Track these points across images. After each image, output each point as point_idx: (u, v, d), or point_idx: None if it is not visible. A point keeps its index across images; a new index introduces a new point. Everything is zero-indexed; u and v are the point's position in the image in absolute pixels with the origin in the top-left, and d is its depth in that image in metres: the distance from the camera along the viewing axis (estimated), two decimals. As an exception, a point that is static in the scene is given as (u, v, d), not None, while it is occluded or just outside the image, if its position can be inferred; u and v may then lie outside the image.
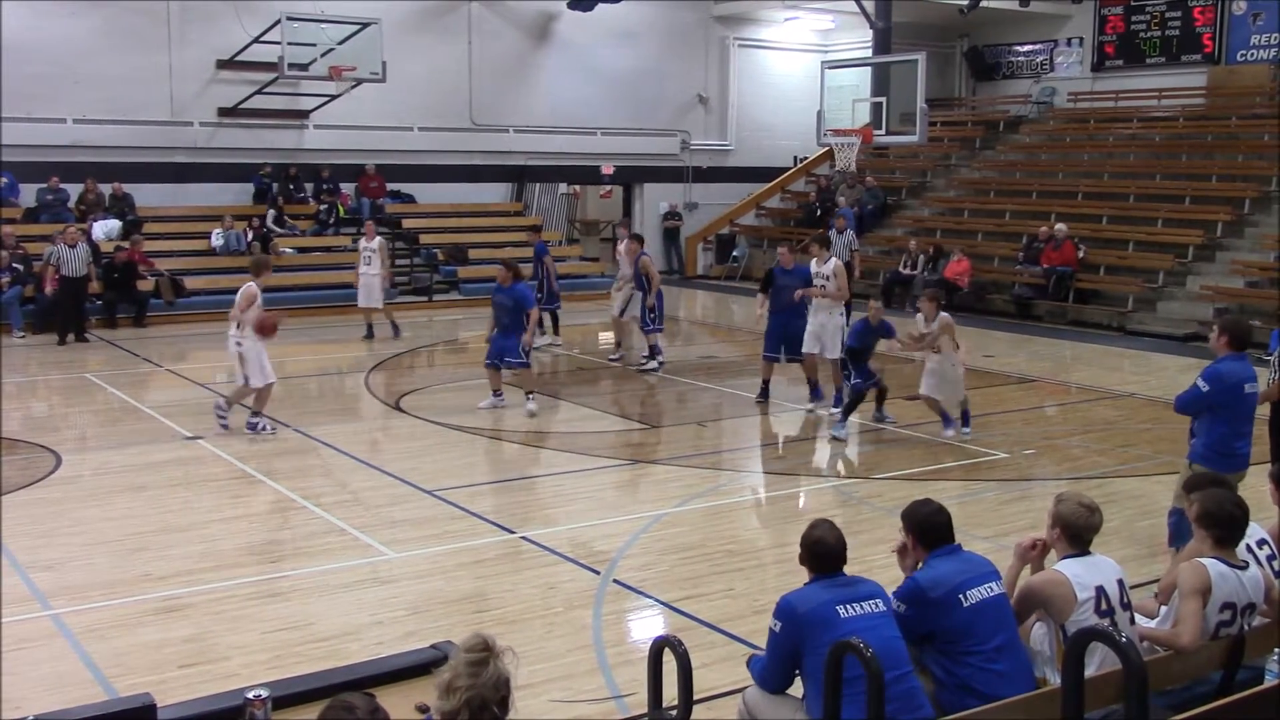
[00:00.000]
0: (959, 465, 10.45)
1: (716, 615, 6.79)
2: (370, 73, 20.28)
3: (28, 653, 6.24)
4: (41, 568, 7.52)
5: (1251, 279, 18.54)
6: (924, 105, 20.67)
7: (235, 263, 20.45)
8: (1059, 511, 4.73)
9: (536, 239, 16.87)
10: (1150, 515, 8.64)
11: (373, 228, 17.72)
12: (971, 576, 4.49)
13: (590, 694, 5.82)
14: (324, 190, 22.53)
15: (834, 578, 4.42)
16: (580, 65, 25.42)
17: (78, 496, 9.27)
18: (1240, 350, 7.08)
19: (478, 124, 24.50)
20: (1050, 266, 20.04)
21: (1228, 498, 4.85)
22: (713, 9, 27.39)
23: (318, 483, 9.94)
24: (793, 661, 4.34)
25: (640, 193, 27.56)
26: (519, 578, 7.48)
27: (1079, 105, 26.03)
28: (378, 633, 6.52)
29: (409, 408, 12.63)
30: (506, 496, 9.38)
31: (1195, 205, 20.67)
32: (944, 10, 24.90)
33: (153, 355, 16.05)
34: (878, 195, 25.47)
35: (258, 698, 3.65)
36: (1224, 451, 6.97)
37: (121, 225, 19.89)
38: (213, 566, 7.60)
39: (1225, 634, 4.59)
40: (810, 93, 23.62)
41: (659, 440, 11.52)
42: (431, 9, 23.63)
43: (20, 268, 17.80)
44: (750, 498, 9.88)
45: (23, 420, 12.07)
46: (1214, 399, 7.00)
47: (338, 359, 15.64)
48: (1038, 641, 4.66)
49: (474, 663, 3.13)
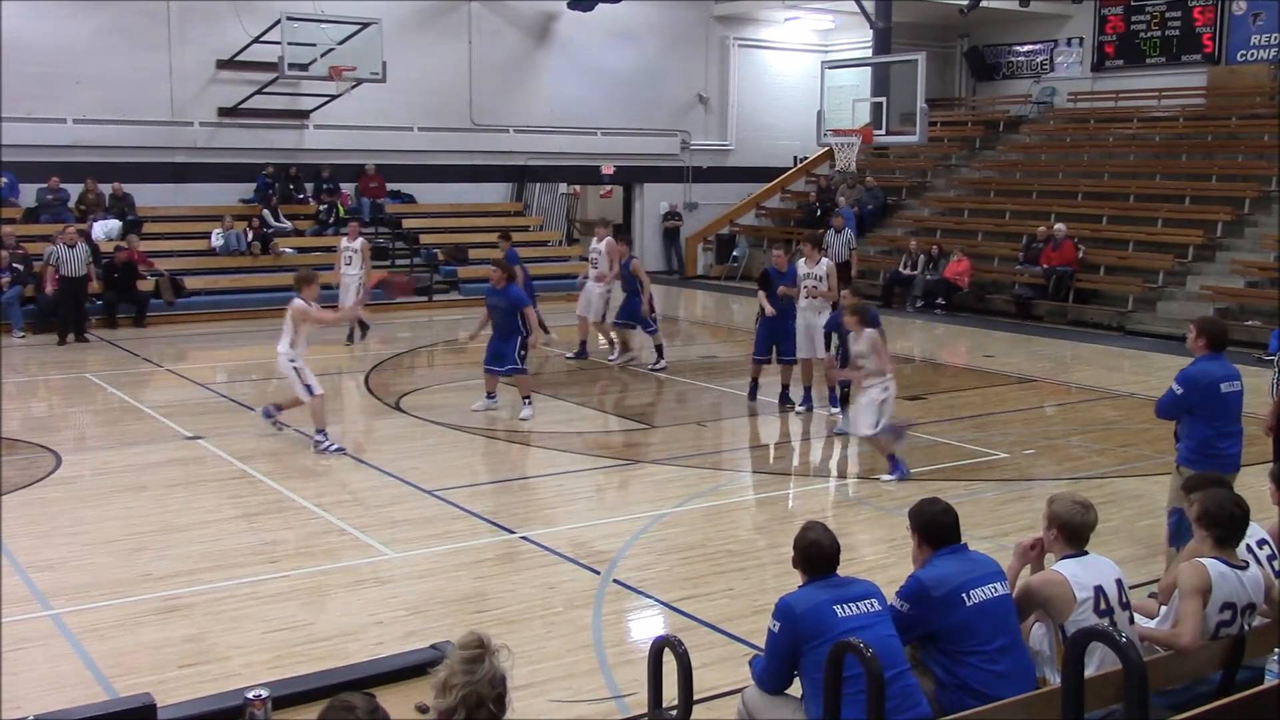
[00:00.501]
0: (959, 465, 10.45)
1: (716, 615, 6.79)
2: (370, 73, 20.28)
3: (28, 653, 6.25)
4: (41, 568, 7.52)
5: (1251, 279, 18.54)
6: (924, 105, 20.68)
7: (235, 263, 20.53)
8: (1054, 511, 4.73)
9: (507, 246, 15.97)
10: (1150, 515, 8.64)
11: (356, 228, 17.30)
12: (975, 576, 4.49)
13: (590, 694, 5.82)
14: (324, 190, 22.54)
15: (829, 579, 4.43)
16: (580, 65, 25.42)
17: (78, 496, 9.27)
18: (1218, 351, 7.04)
19: (478, 124, 24.50)
20: (1050, 266, 20.04)
21: (1228, 497, 4.85)
22: (713, 9, 27.39)
23: (318, 483, 9.94)
24: (791, 662, 4.35)
25: (640, 193, 27.56)
26: (519, 578, 7.48)
27: (1079, 105, 26.03)
28: (378, 633, 6.52)
29: (409, 408, 12.63)
30: (506, 496, 9.38)
31: (1195, 205, 20.67)
32: (944, 10, 24.89)
33: (153, 355, 16.05)
34: (878, 195, 25.47)
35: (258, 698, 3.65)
36: (1209, 454, 6.92)
37: (121, 225, 19.90)
38: (213, 566, 7.60)
39: (1225, 634, 4.59)
40: (810, 93, 23.63)
41: (659, 440, 11.52)
42: (431, 9, 23.64)
43: (20, 268, 17.80)
44: (750, 498, 9.87)
45: (23, 420, 12.07)
46: (1190, 401, 6.98)
47: (338, 359, 15.64)
48: (1037, 641, 4.67)
49: (469, 660, 3.14)
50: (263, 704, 3.64)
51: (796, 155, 27.96)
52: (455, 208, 24.22)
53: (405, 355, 16.64)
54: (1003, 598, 4.51)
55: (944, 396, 13.65)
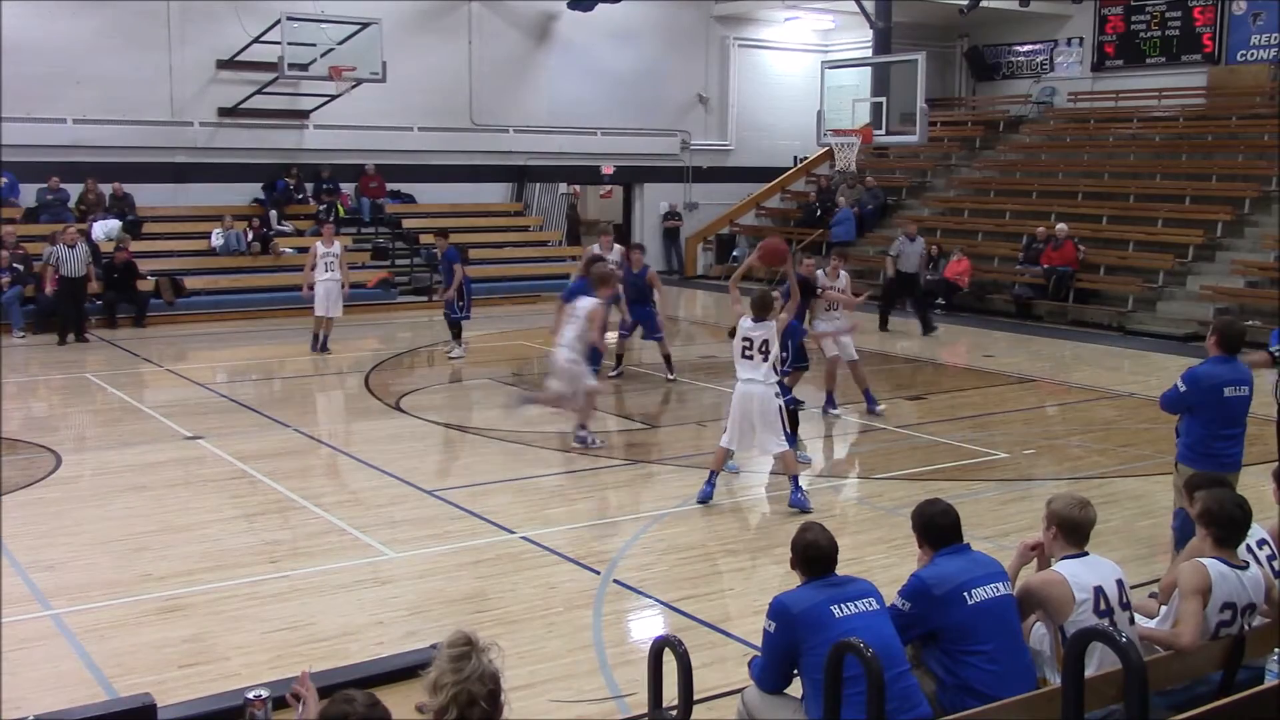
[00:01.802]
0: (959, 465, 10.45)
1: (716, 615, 6.80)
2: (370, 73, 20.28)
3: (28, 653, 6.24)
4: (41, 568, 7.52)
5: (1251, 279, 18.55)
6: (924, 105, 20.69)
7: (235, 263, 20.53)
8: (1053, 510, 4.75)
9: (446, 244, 15.61)
10: (1150, 515, 8.64)
11: (331, 230, 16.79)
12: (977, 576, 4.49)
13: (590, 694, 5.82)
14: (324, 190, 22.54)
15: (826, 578, 4.43)
16: (580, 65, 25.42)
17: (78, 496, 9.27)
18: (1230, 353, 7.01)
19: (478, 124, 24.50)
20: (1050, 266, 20.04)
21: (1230, 497, 4.85)
22: (713, 9, 27.39)
23: (318, 483, 9.95)
24: (789, 662, 4.35)
25: (640, 193, 27.56)
26: (519, 578, 7.48)
27: (1079, 105, 26.04)
28: (378, 633, 6.52)
29: (409, 408, 12.63)
30: (506, 496, 9.38)
31: (1195, 205, 20.68)
32: (944, 10, 24.90)
33: (153, 355, 16.05)
34: (878, 195, 25.48)
35: (258, 698, 3.66)
36: (1205, 452, 6.93)
37: (121, 225, 19.90)
38: (213, 566, 7.60)
39: (1225, 634, 4.59)
40: (810, 93, 23.63)
41: (659, 440, 11.51)
42: (431, 9, 23.63)
43: (20, 268, 17.80)
44: (750, 498, 9.87)
45: (23, 420, 12.07)
46: (1191, 400, 6.99)
47: (338, 359, 15.64)
48: (1037, 641, 4.67)
49: (456, 658, 3.15)
50: (263, 704, 3.64)
51: (796, 155, 27.97)
52: (455, 208, 24.21)
53: (405, 355, 16.63)
54: (1004, 598, 4.50)
55: (944, 396, 13.66)
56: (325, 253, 15.86)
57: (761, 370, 8.79)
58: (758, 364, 8.80)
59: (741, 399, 8.86)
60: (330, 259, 15.84)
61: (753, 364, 8.82)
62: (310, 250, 16.32)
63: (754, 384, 8.80)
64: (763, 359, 8.78)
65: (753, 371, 8.82)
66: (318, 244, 16.15)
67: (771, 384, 8.85)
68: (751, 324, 8.85)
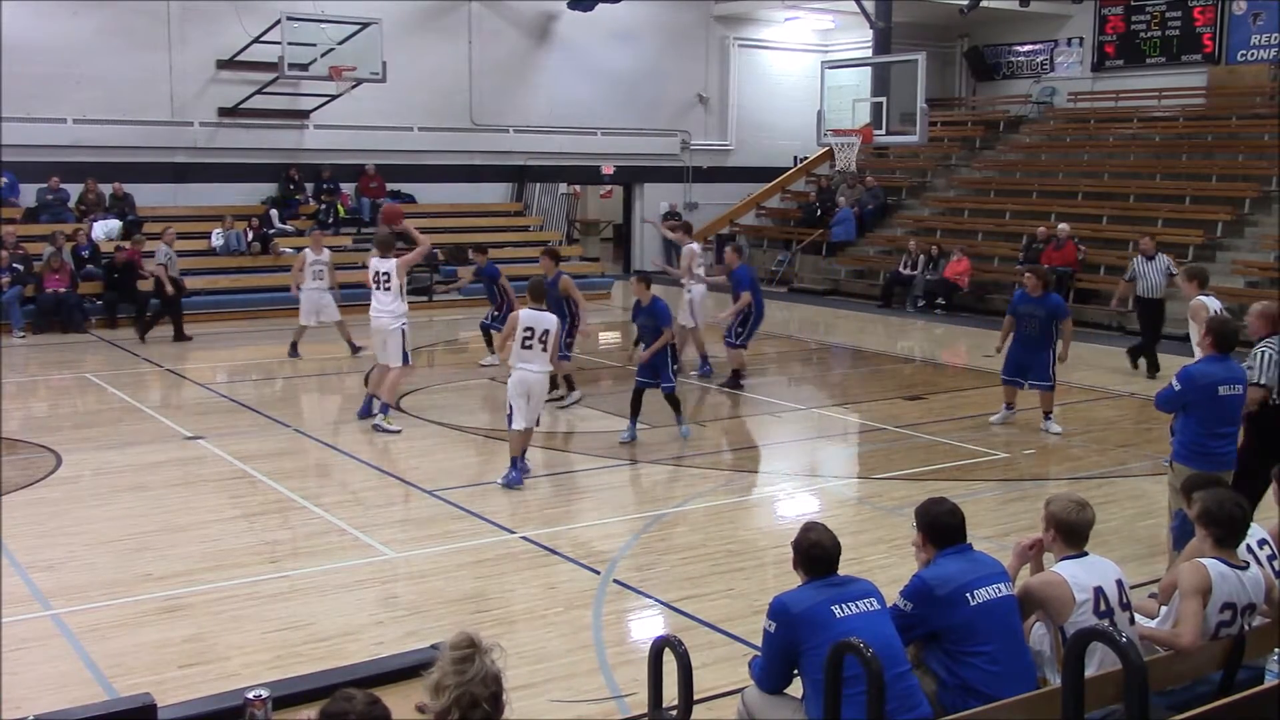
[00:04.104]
0: (959, 465, 10.45)
1: (716, 615, 6.79)
2: (370, 73, 20.27)
3: (28, 653, 6.24)
4: (41, 568, 7.52)
5: (1251, 279, 18.53)
6: (924, 105, 20.68)
7: (235, 263, 20.52)
8: (1051, 512, 4.75)
9: (484, 260, 14.75)
10: (1150, 515, 8.65)
11: (319, 237, 16.56)
12: (979, 576, 4.49)
13: (590, 694, 5.82)
14: (324, 190, 22.54)
15: (828, 579, 4.43)
16: (580, 65, 25.42)
17: (78, 496, 9.27)
18: (1224, 352, 7.04)
19: (478, 124, 24.50)
20: (1050, 266, 20.00)
21: (1229, 498, 4.85)
22: (713, 9, 27.39)
23: (318, 483, 9.95)
24: (789, 661, 4.35)
25: (640, 193, 27.55)
26: (519, 578, 7.49)
27: (1079, 105, 26.03)
28: (378, 633, 6.52)
29: (409, 408, 12.62)
30: (506, 496, 9.37)
31: (1195, 205, 20.67)
32: (944, 10, 24.89)
33: (153, 355, 16.05)
34: (878, 195, 25.48)
35: (258, 698, 3.66)
36: (1199, 451, 6.96)
37: (121, 225, 19.89)
38: (213, 566, 7.60)
39: (1225, 634, 4.59)
40: (810, 93, 23.63)
41: (659, 440, 11.51)
42: (431, 9, 23.63)
43: (20, 268, 17.79)
44: (750, 497, 9.87)
45: (23, 420, 12.07)
46: (1185, 398, 7.01)
47: (338, 359, 15.62)
48: (1037, 641, 4.67)
49: (459, 660, 3.14)
50: (263, 704, 3.64)
51: (796, 155, 27.95)
52: (455, 208, 24.21)
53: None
54: (1006, 598, 4.50)
55: (944, 396, 13.65)
56: (314, 260, 15.60)
57: (539, 361, 9.41)
58: (537, 353, 9.39)
59: (520, 384, 9.43)
60: (319, 267, 15.58)
61: (533, 353, 9.39)
62: (299, 255, 16.14)
63: (531, 372, 9.42)
64: (542, 349, 9.39)
65: (532, 361, 9.40)
66: (307, 250, 15.90)
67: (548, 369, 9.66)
68: (531, 313, 9.45)
